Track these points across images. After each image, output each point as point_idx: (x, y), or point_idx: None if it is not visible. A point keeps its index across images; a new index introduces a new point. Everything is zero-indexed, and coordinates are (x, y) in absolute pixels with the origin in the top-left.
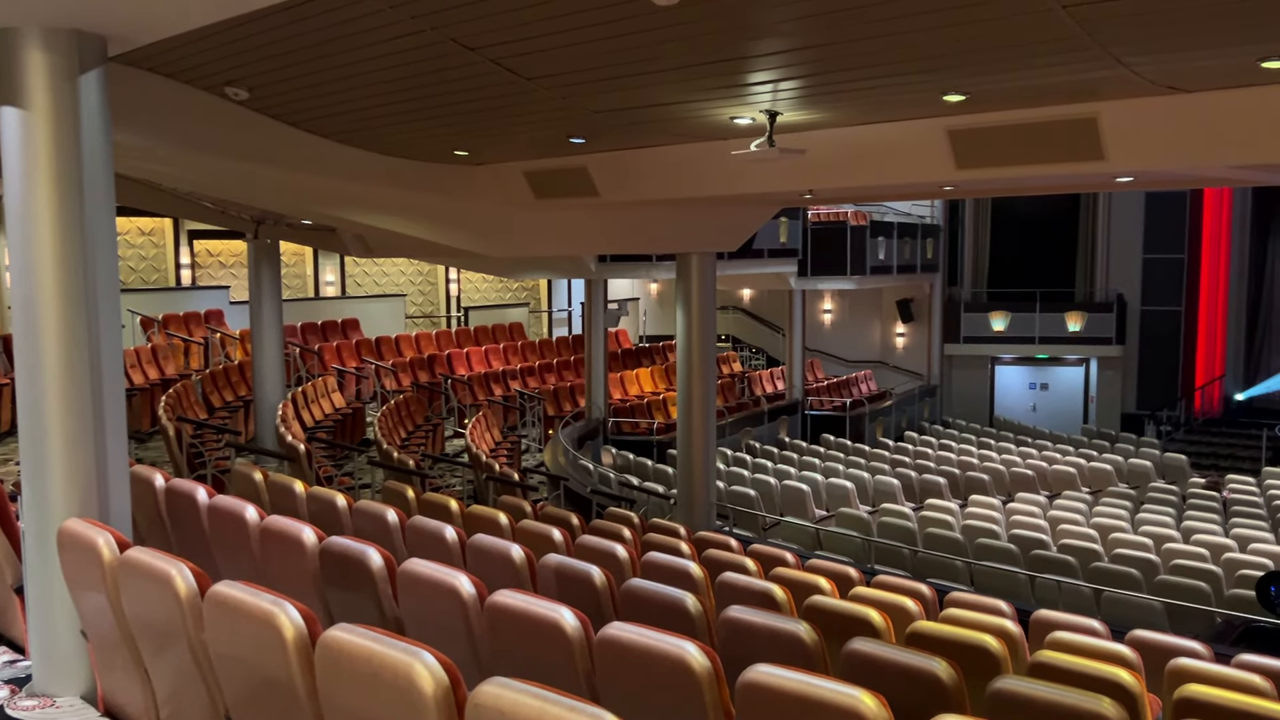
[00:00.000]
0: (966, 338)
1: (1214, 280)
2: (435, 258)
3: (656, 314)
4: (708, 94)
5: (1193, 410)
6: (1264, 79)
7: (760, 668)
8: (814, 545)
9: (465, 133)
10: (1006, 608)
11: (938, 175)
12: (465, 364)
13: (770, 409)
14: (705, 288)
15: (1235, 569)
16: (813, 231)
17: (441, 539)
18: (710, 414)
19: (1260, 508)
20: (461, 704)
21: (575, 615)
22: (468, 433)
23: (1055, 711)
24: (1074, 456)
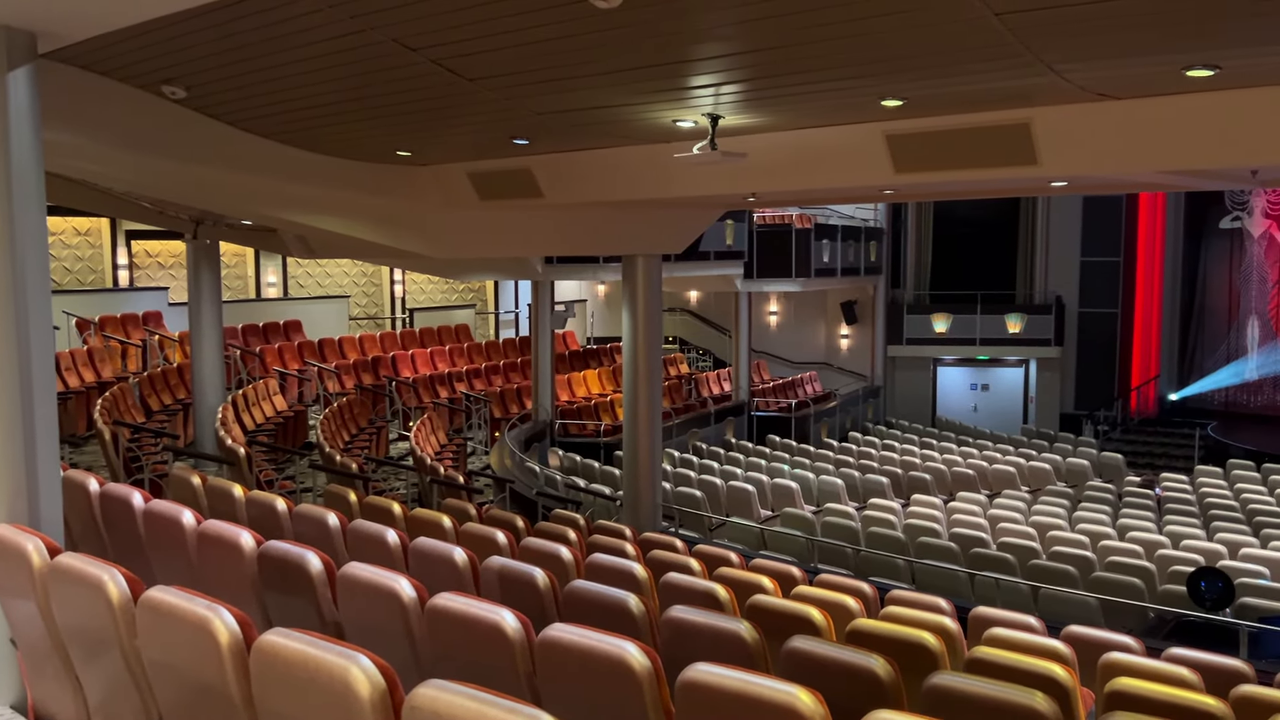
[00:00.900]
0: (909, 339)
1: (1149, 283)
2: (379, 259)
3: (604, 316)
4: (650, 97)
5: (1129, 410)
6: (1188, 87)
7: (699, 667)
8: (759, 545)
9: (407, 133)
10: (946, 605)
11: (877, 179)
12: (410, 366)
13: (717, 410)
14: (651, 290)
15: (1168, 565)
16: (758, 234)
17: (383, 542)
18: (656, 415)
19: (1193, 505)
20: (399, 707)
21: (516, 617)
22: (412, 436)
23: (989, 706)
24: (1014, 456)
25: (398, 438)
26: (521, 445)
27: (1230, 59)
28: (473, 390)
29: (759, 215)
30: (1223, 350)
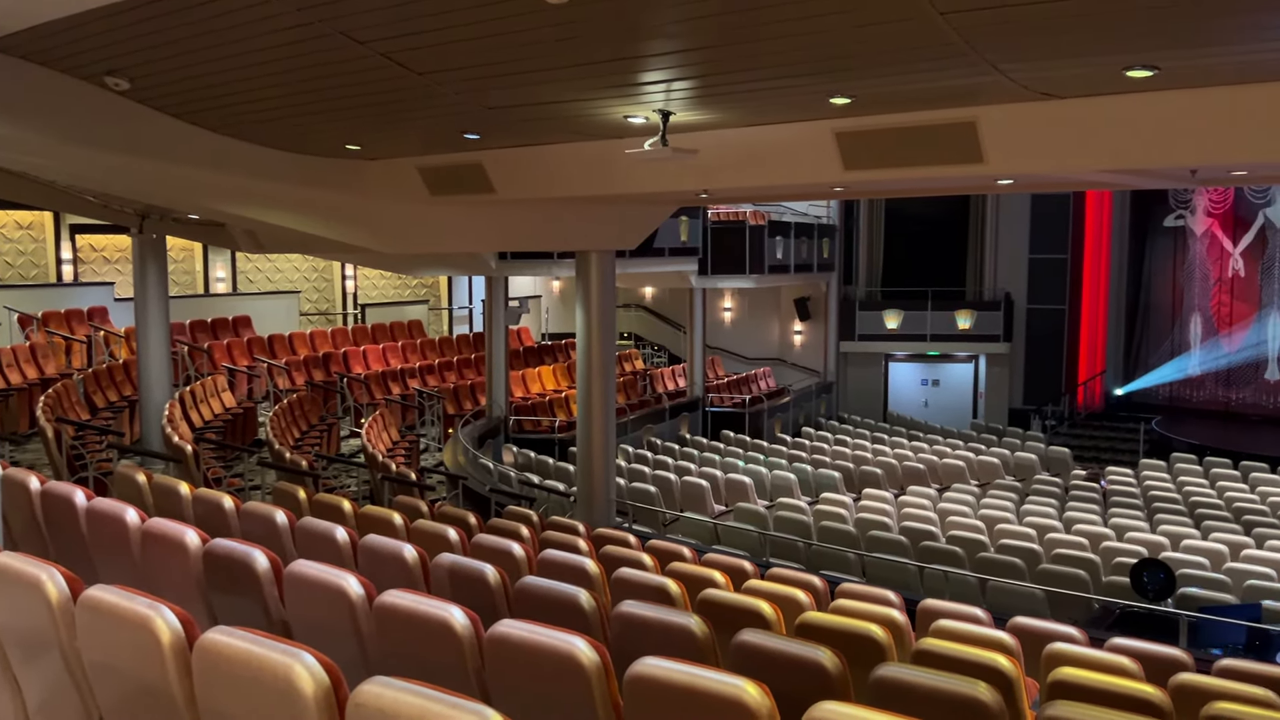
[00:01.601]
0: (861, 335)
1: (1095, 280)
2: (330, 254)
3: (559, 311)
4: (601, 92)
5: (1075, 405)
6: (1129, 87)
7: (648, 661)
8: (712, 540)
9: (357, 127)
10: (894, 598)
11: (826, 176)
12: (362, 362)
13: (672, 406)
14: (605, 286)
15: (1113, 557)
16: (713, 231)
17: (332, 540)
18: (610, 411)
19: (1137, 498)
20: (343, 704)
21: (465, 614)
22: (364, 432)
23: (934, 697)
24: (963, 450)
25: (349, 434)
26: (475, 442)
27: (1168, 60)
28: (426, 386)
29: (713, 212)
30: (1166, 346)
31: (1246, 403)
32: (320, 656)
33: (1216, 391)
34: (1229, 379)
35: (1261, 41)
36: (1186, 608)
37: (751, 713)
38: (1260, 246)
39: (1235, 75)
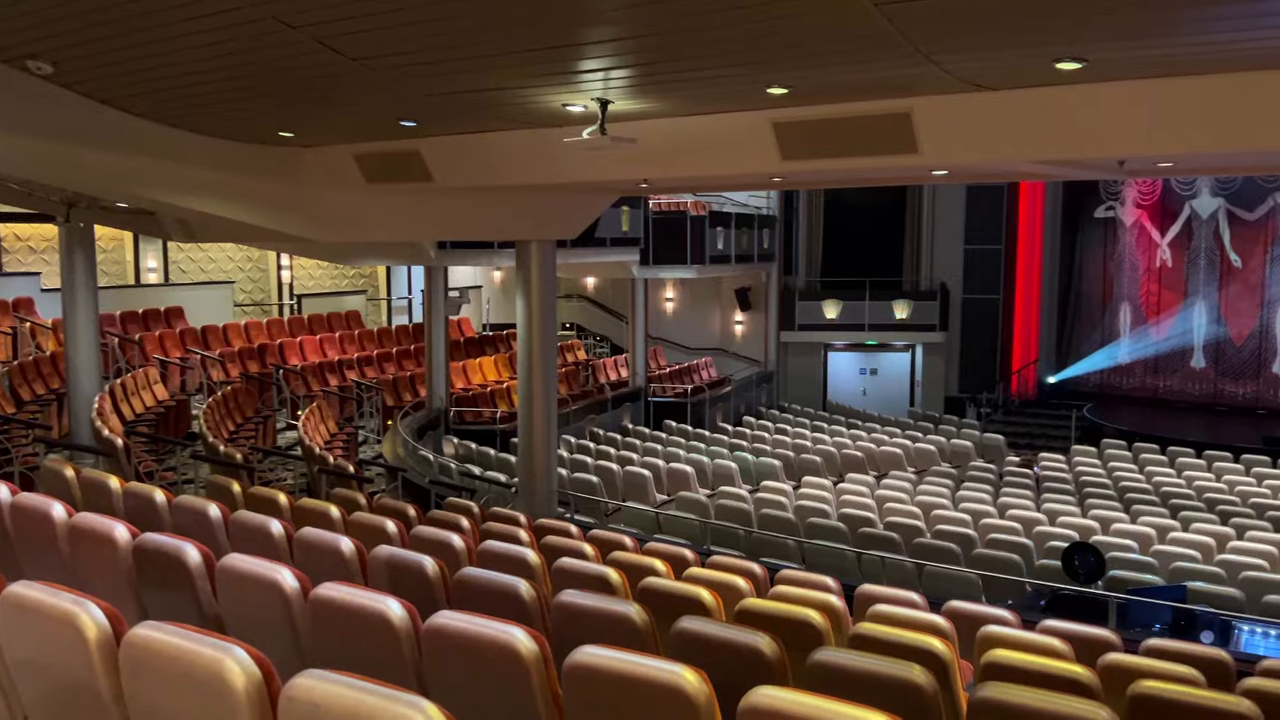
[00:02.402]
0: (801, 325)
1: (1029, 270)
2: (264, 243)
3: (500, 302)
4: (539, 80)
5: (1010, 393)
6: (1059, 79)
7: (587, 649)
8: (654, 529)
9: (290, 114)
10: (833, 583)
11: (765, 167)
12: (298, 354)
13: (614, 396)
14: (545, 275)
15: (1045, 541)
16: (654, 221)
17: (267, 534)
18: (551, 402)
19: (1069, 483)
20: (275, 698)
21: (402, 605)
22: (301, 425)
23: (869, 680)
24: (900, 438)
25: (285, 427)
26: (415, 433)
27: (1097, 53)
28: (364, 378)
29: (655, 202)
30: (1097, 335)
31: (1174, 390)
32: (252, 650)
33: (1145, 379)
34: (1157, 366)
35: (1186, 36)
36: (1115, 590)
37: (689, 699)
38: (1186, 237)
39: (1161, 68)
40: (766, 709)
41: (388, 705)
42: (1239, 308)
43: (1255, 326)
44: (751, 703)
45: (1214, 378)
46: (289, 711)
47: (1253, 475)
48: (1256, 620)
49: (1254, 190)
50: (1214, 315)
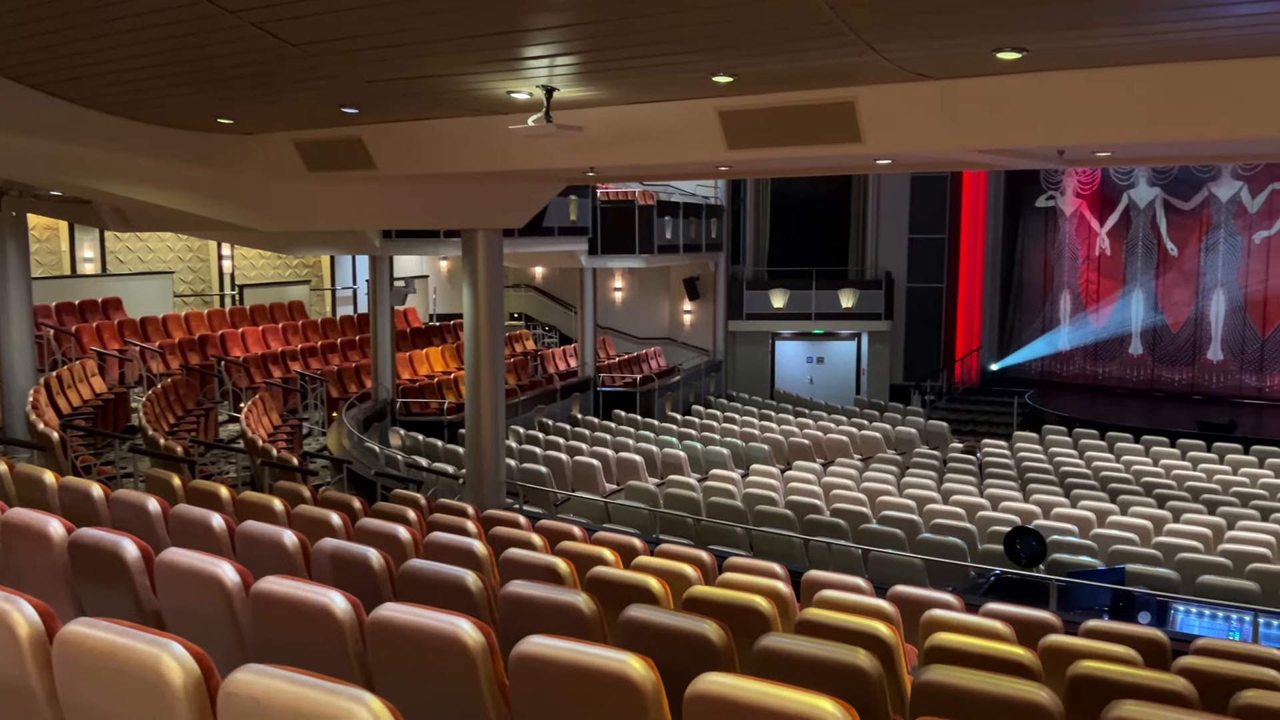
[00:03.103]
0: (749, 314)
1: (972, 259)
2: (204, 232)
3: (447, 292)
4: (483, 67)
5: (953, 380)
6: (1000, 69)
7: (533, 639)
8: (603, 519)
9: (228, 100)
10: (780, 570)
11: (711, 155)
12: (241, 345)
13: (563, 386)
14: (492, 264)
15: (988, 526)
16: (602, 210)
17: (208, 527)
18: (499, 392)
19: (1011, 469)
20: (214, 694)
21: (346, 599)
22: (243, 417)
23: (815, 665)
24: (847, 426)
25: (228, 420)
26: (360, 425)
27: (1035, 42)
28: (308, 369)
29: (602, 191)
30: (1038, 323)
31: (1113, 376)
32: (190, 646)
33: (1085, 366)
34: (1096, 354)
35: (1123, 26)
36: (1056, 573)
37: (636, 687)
38: (1125, 226)
39: (1099, 59)
40: (713, 695)
41: (330, 699)
42: (1175, 296)
43: (1190, 314)
44: (698, 689)
45: (1151, 364)
46: (228, 707)
47: (1188, 459)
48: (1191, 601)
49: (1189, 180)
50: (1151, 303)
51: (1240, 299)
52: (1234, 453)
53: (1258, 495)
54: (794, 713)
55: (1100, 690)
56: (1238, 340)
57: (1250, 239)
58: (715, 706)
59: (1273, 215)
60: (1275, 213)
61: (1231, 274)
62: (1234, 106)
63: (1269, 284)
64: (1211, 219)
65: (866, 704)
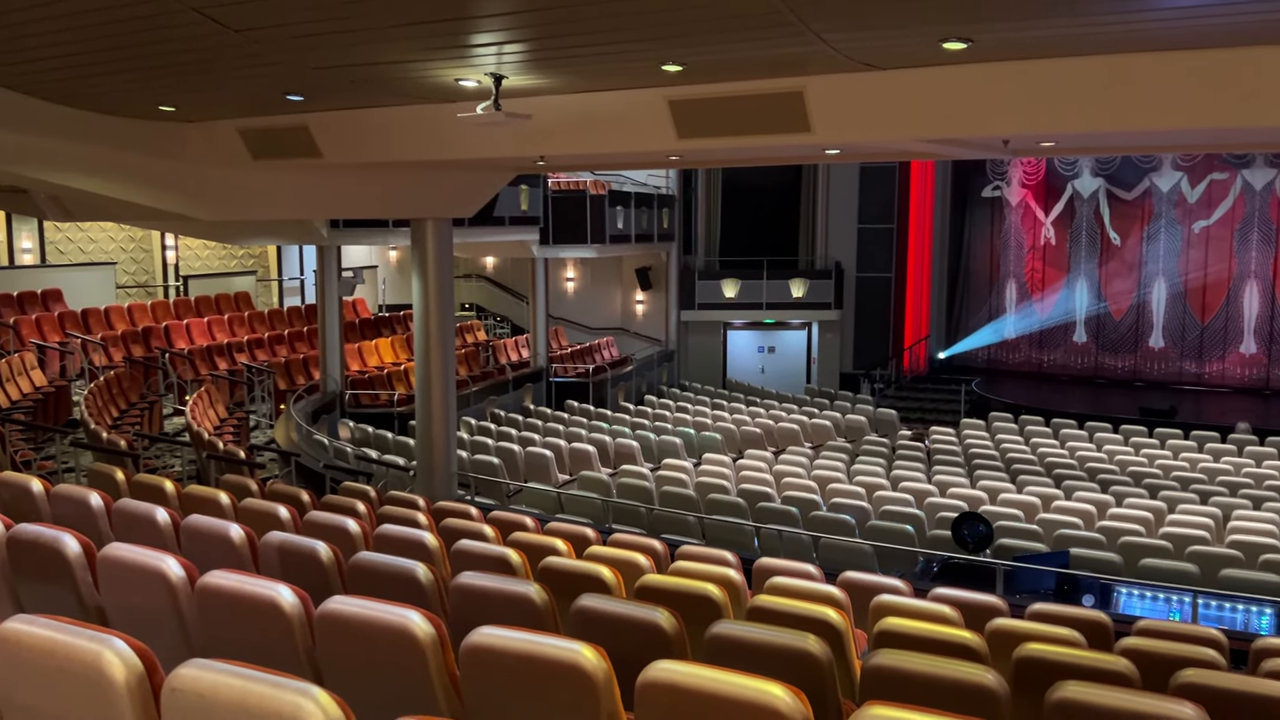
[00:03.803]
0: (701, 304)
1: (920, 249)
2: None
3: (396, 282)
4: (431, 54)
5: (902, 369)
6: (946, 59)
7: (484, 630)
8: (556, 509)
9: (170, 87)
10: (732, 558)
11: (661, 144)
12: (185, 337)
13: (515, 377)
14: (442, 254)
15: (936, 512)
16: (553, 200)
17: (152, 522)
18: (450, 383)
19: (958, 456)
20: (158, 690)
21: (294, 592)
22: (188, 410)
23: (766, 651)
24: (798, 414)
25: (173, 413)
26: (309, 417)
27: (981, 33)
28: (255, 361)
29: (554, 181)
30: (985, 311)
31: (1057, 364)
32: (133, 642)
33: (1030, 354)
34: (1041, 341)
35: (1065, 17)
36: (1003, 557)
37: (588, 676)
38: (1069, 216)
39: (1043, 49)
40: (664, 683)
41: (277, 693)
42: (1118, 284)
43: (1133, 302)
44: (649, 677)
45: (1095, 352)
46: (172, 703)
47: (1131, 445)
48: (1133, 583)
49: (1132, 171)
50: (1095, 291)
51: (1181, 287)
52: (1175, 438)
53: (1197, 480)
54: (744, 699)
55: (1045, 671)
56: (1178, 328)
57: (1190, 229)
58: (667, 694)
59: (1212, 205)
60: (1214, 203)
61: (1172, 263)
62: (1171, 97)
63: (1208, 273)
64: (1153, 209)
65: (816, 689)
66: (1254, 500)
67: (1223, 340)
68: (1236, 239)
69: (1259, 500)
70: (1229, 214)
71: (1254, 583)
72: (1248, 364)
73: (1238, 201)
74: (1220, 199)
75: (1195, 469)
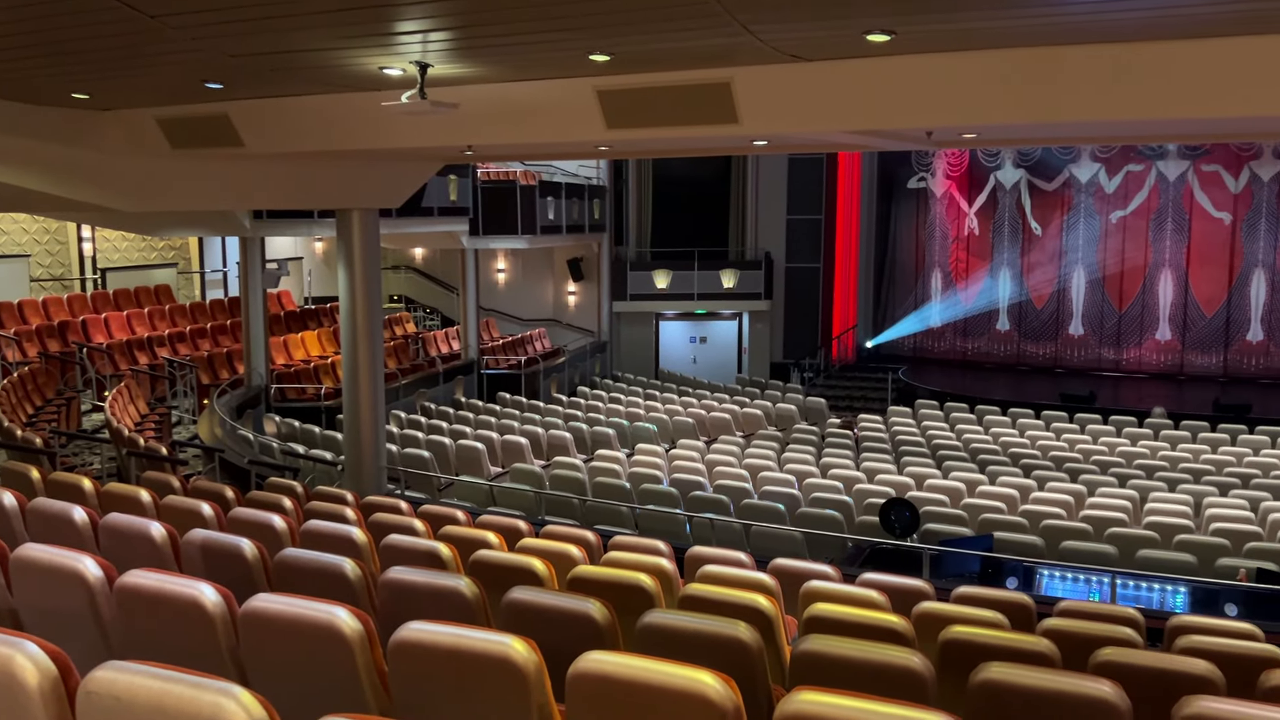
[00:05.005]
0: (633, 295)
1: (847, 239)
2: (61, 213)
3: (323, 273)
4: (353, 42)
5: (831, 358)
6: (871, 51)
7: (412, 625)
8: (488, 502)
9: (82, 74)
10: (664, 547)
11: (590, 134)
12: (104, 331)
13: (446, 369)
14: (368, 246)
15: (864, 498)
16: (483, 190)
17: (69, 521)
18: (378, 376)
19: (886, 442)
20: (73, 693)
21: (217, 590)
22: (108, 406)
23: (697, 639)
24: (729, 404)
25: (91, 409)
26: (233, 412)
27: (904, 25)
28: (177, 355)
29: (483, 171)
30: (911, 300)
31: (981, 351)
32: (47, 645)
33: (955, 342)
34: (966, 330)
35: (984, 10)
36: (929, 542)
37: (518, 668)
38: (992, 206)
39: (965, 42)
40: (595, 673)
41: (197, 694)
42: (1039, 273)
43: (1053, 290)
44: (580, 668)
45: (1017, 339)
46: (88, 706)
47: (1052, 430)
48: (1055, 565)
49: (1051, 162)
50: (1017, 280)
51: (1099, 276)
52: (1094, 423)
53: (1115, 463)
54: (675, 687)
55: (969, 653)
56: (1097, 315)
57: (1108, 219)
58: (597, 684)
59: (1128, 196)
60: (1131, 194)
61: (1091, 252)
62: (1087, 89)
63: (1125, 262)
64: (1072, 200)
65: (747, 675)
66: (1169, 483)
67: (1139, 327)
68: (1152, 229)
69: (1174, 483)
70: (1144, 204)
71: (1169, 563)
72: (1163, 350)
73: (1153, 192)
74: (1136, 190)
75: (1113, 453)
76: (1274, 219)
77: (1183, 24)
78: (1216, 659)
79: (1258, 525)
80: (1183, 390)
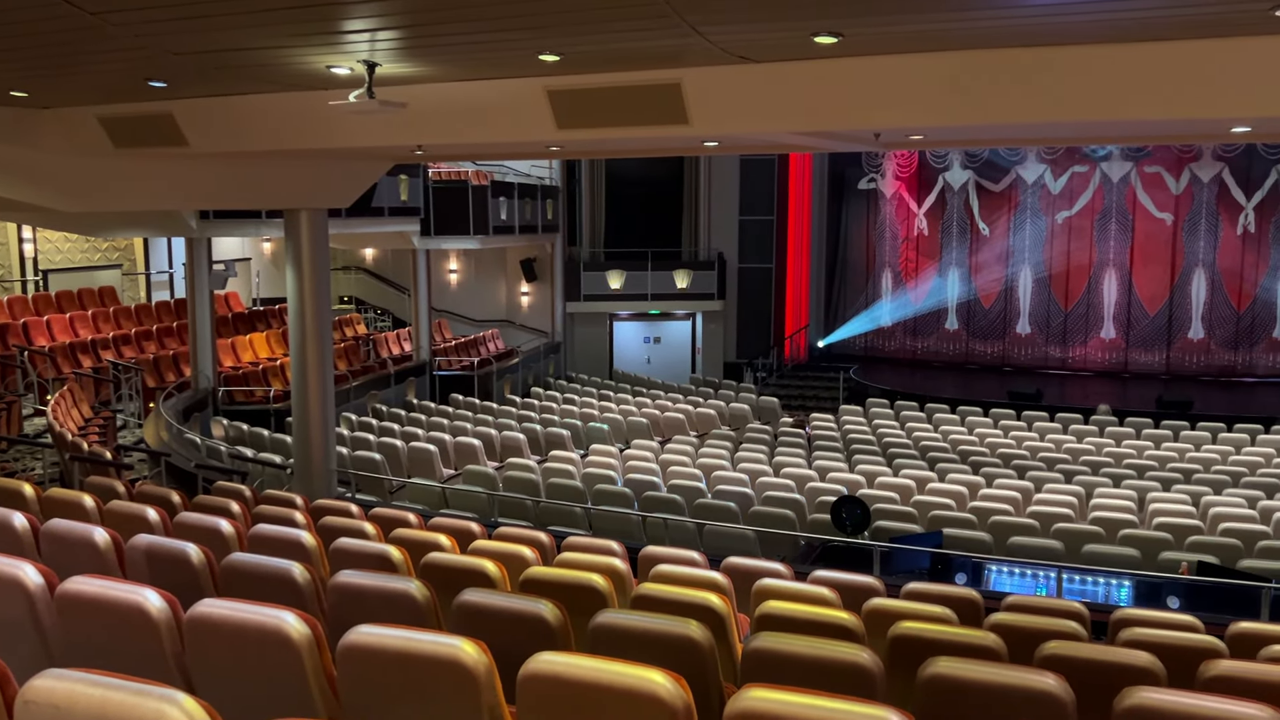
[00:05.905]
0: (586, 295)
1: (799, 240)
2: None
3: (271, 275)
4: (299, 40)
5: (783, 357)
6: (819, 53)
7: (361, 629)
8: (440, 504)
9: (21, 72)
10: (618, 547)
11: (540, 134)
12: (46, 334)
13: (397, 371)
14: (317, 246)
15: (816, 496)
16: (435, 190)
17: (9, 527)
18: (327, 378)
19: (837, 441)
20: (11, 703)
21: (161, 596)
22: (50, 410)
23: (649, 638)
24: (683, 404)
25: (33, 413)
26: (180, 416)
27: (850, 28)
28: (121, 358)
29: (434, 171)
30: (861, 300)
31: (930, 350)
32: None
33: (905, 341)
34: (915, 329)
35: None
36: (880, 539)
37: (468, 670)
38: (940, 207)
39: (910, 44)
40: (546, 674)
41: (138, 701)
42: (987, 273)
43: (1001, 290)
44: (531, 669)
45: (965, 338)
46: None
47: (1000, 428)
48: (1003, 560)
49: (998, 164)
50: (965, 280)
51: (1045, 276)
52: (1040, 420)
53: (1062, 460)
54: (626, 687)
55: (918, 649)
56: (1043, 314)
57: (1054, 219)
58: (549, 685)
59: (1073, 197)
60: (1076, 194)
61: (1037, 252)
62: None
63: (1070, 261)
64: (1019, 200)
65: (698, 673)
66: (1114, 478)
67: (1084, 326)
68: (1096, 229)
69: (1118, 478)
70: (1089, 205)
71: (1114, 557)
72: (1108, 348)
73: (1097, 193)
74: (1081, 191)
75: (1060, 449)
76: (1214, 220)
77: (1128, 27)
78: (1158, 651)
79: (1199, 519)
80: (1127, 388)
